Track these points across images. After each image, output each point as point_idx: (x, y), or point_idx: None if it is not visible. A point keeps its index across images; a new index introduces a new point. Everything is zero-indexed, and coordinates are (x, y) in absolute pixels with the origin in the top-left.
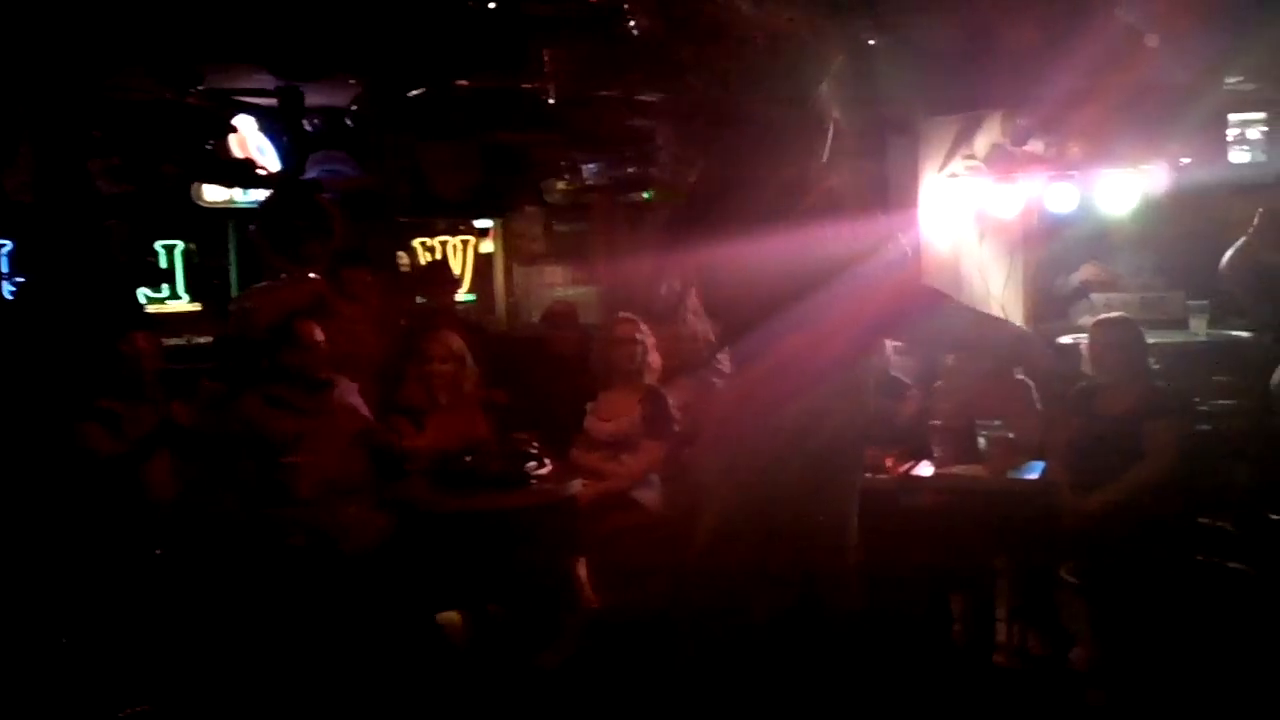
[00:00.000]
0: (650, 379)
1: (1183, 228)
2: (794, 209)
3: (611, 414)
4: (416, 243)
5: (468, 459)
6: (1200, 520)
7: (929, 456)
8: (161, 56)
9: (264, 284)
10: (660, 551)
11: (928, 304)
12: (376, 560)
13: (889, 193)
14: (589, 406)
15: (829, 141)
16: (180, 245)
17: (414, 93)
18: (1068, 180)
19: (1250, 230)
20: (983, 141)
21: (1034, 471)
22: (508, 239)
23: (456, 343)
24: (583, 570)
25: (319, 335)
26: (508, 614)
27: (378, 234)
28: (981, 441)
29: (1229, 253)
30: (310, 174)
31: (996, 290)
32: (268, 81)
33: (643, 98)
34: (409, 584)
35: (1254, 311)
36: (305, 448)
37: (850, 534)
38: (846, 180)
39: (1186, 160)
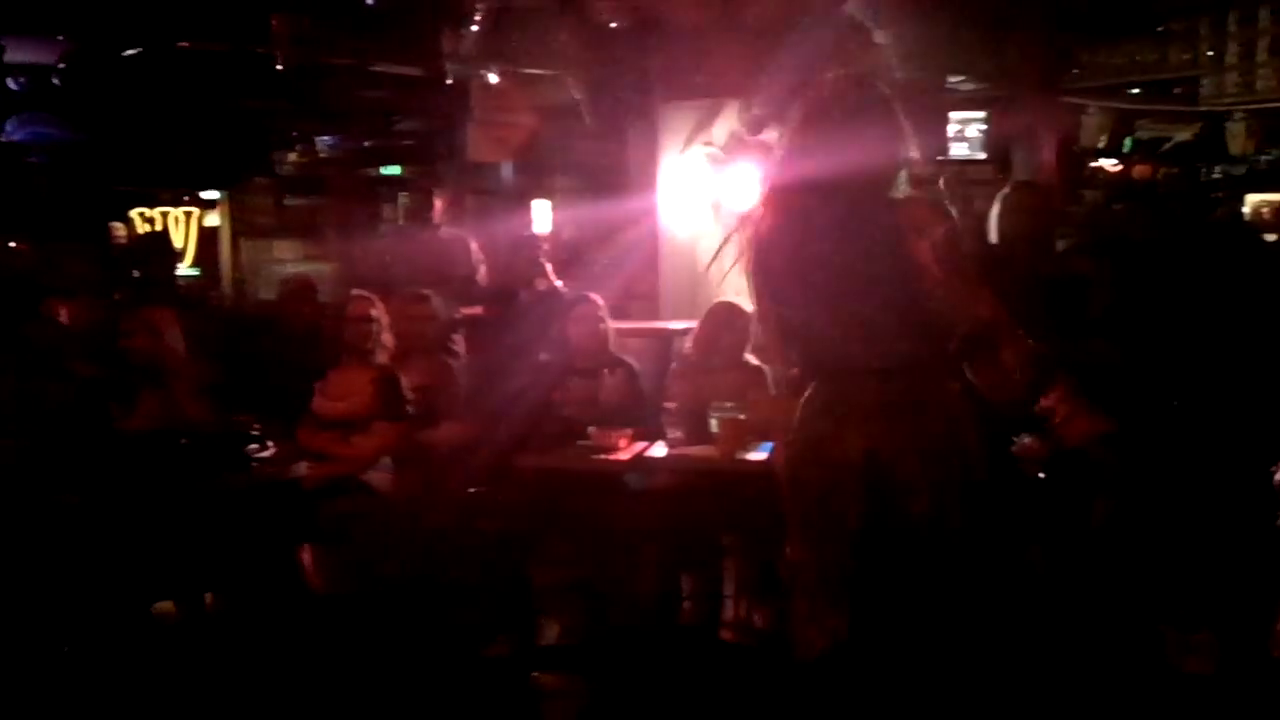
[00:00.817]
0: (383, 359)
1: None
2: None
3: (342, 394)
4: (135, 213)
5: (184, 441)
6: None
7: (663, 437)
8: None
9: None
10: (392, 536)
11: None
12: (89, 549)
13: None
14: (317, 386)
15: None
16: None
17: (130, 52)
18: None
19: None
20: (721, 129)
21: (763, 452)
22: (235, 211)
23: (157, 318)
24: (308, 557)
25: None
26: (226, 603)
27: (89, 203)
28: (713, 423)
29: None
30: (13, 136)
31: (732, 277)
32: None
33: (379, 69)
34: (119, 573)
35: None
36: None
37: None
38: None
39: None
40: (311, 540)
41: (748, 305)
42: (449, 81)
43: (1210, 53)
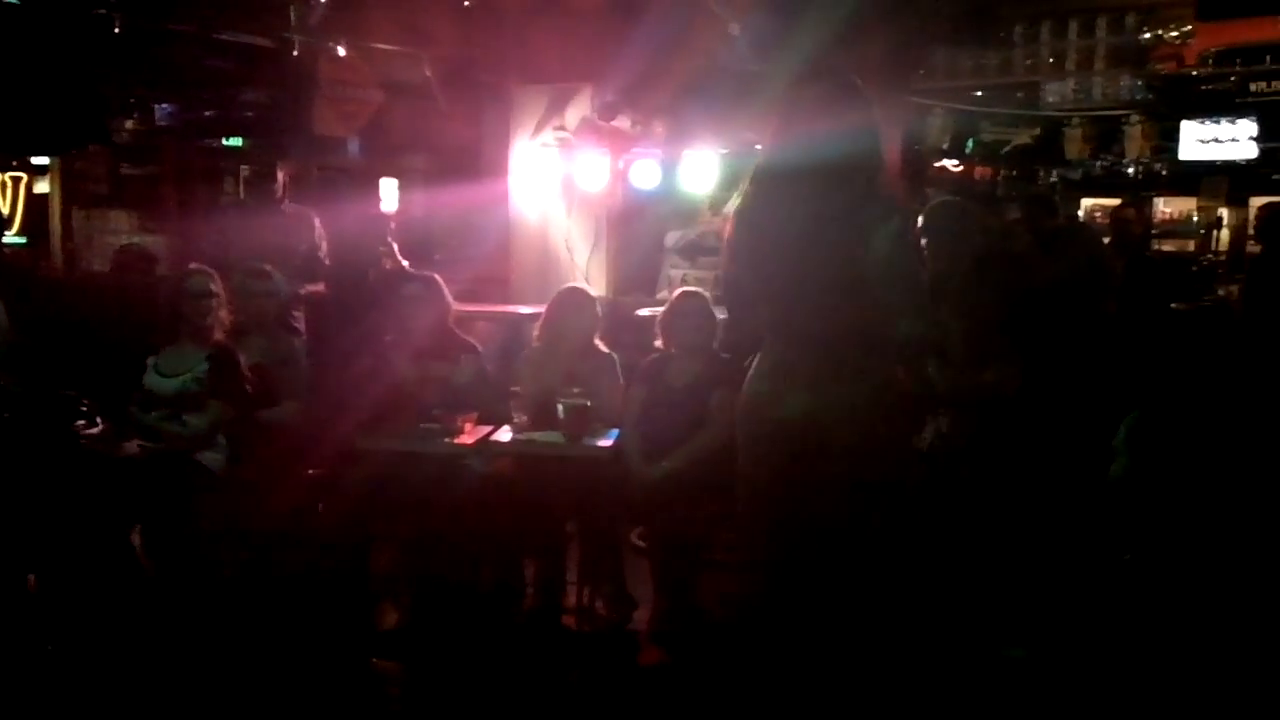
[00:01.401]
0: (220, 335)
1: None
2: None
3: (176, 370)
4: None
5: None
6: None
7: (510, 422)
8: None
9: None
10: (227, 518)
11: None
12: None
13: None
14: (150, 362)
15: None
16: None
17: None
18: (651, 157)
19: None
20: (573, 114)
21: (609, 439)
22: (67, 179)
23: None
24: (138, 538)
25: None
26: (50, 585)
27: None
28: (560, 410)
29: None
30: None
31: (582, 262)
32: None
33: (224, 37)
34: None
35: None
36: None
37: None
38: None
39: (759, 146)
40: (142, 521)
41: (595, 291)
42: (295, 53)
43: (1051, 60)
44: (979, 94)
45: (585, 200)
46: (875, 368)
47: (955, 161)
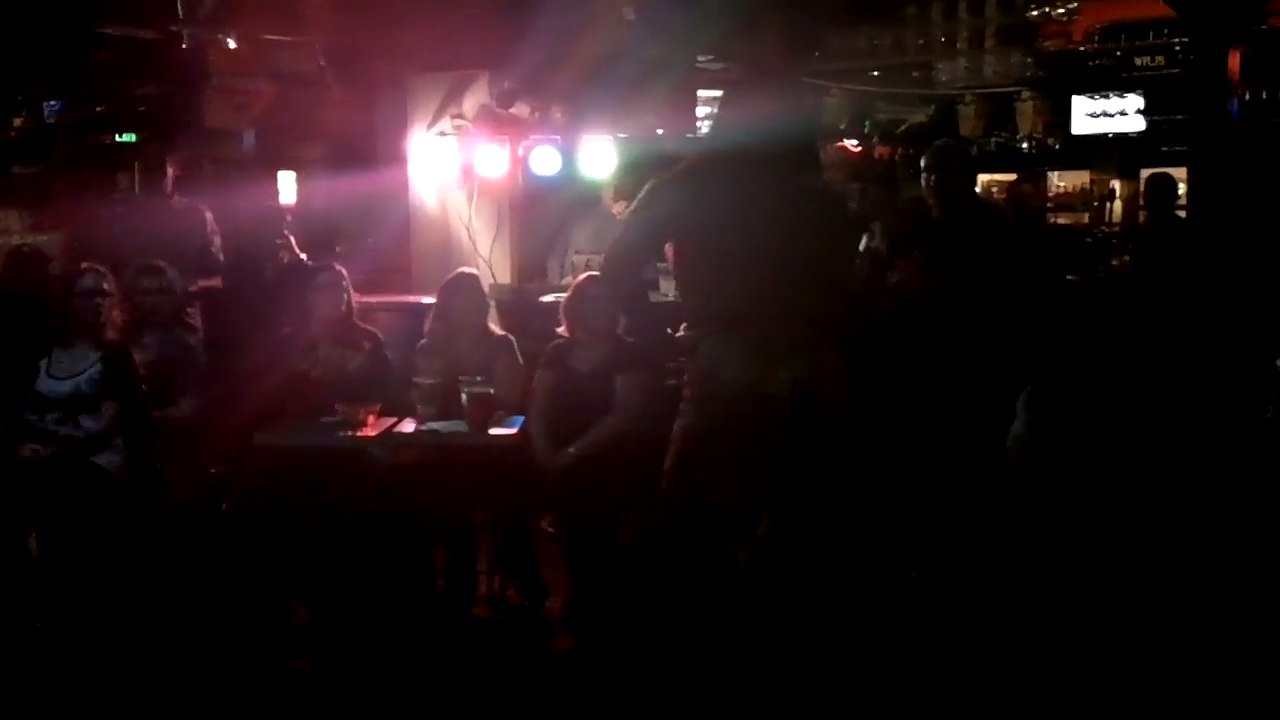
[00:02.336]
0: (113, 335)
1: None
2: None
3: (69, 372)
4: None
5: None
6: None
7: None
8: None
9: None
10: (125, 519)
11: None
12: None
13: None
14: (42, 364)
15: None
16: None
17: None
18: (551, 144)
19: None
20: (471, 102)
21: (514, 426)
22: None
23: None
24: (34, 543)
25: None
26: None
27: None
28: (464, 398)
29: None
30: None
31: (484, 250)
32: None
33: (110, 30)
34: None
35: None
36: None
37: None
38: None
39: (661, 131)
40: (38, 526)
41: (494, 279)
42: (184, 45)
43: (943, 39)
44: (875, 74)
45: (486, 188)
46: (845, 329)
47: (855, 141)
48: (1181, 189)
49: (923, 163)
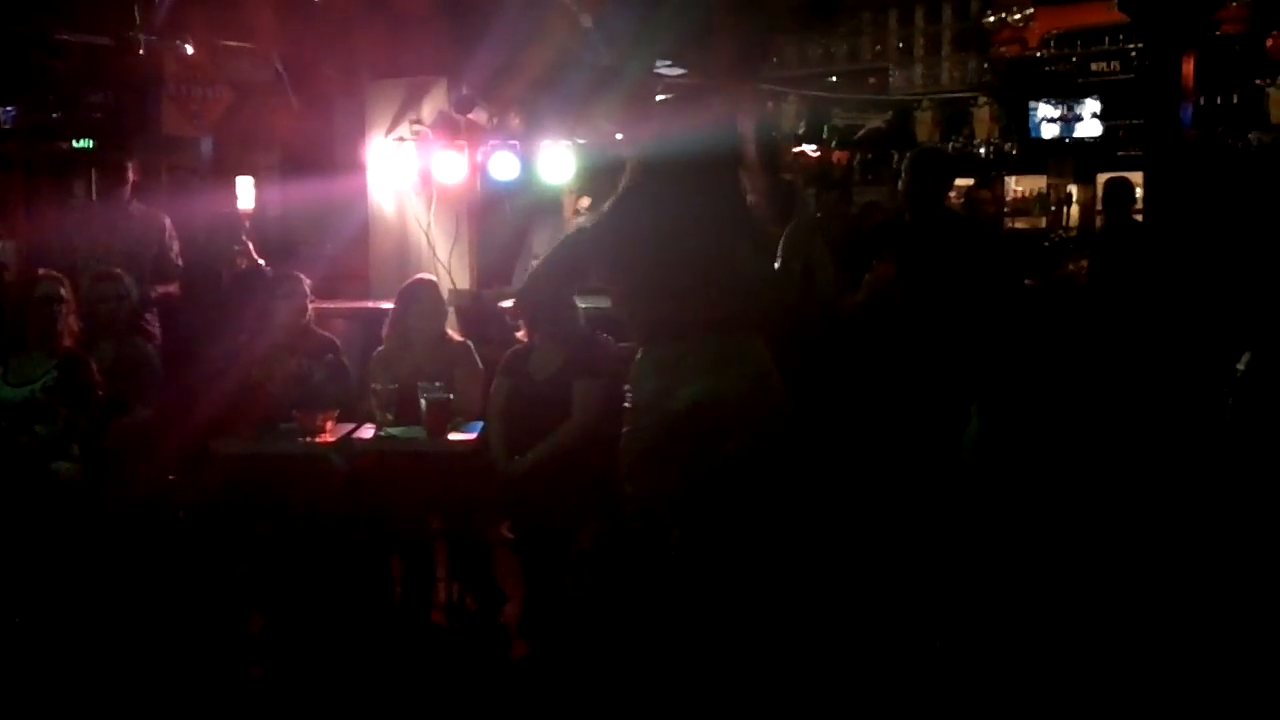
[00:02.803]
0: (69, 342)
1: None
2: None
3: (24, 379)
4: None
5: None
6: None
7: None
8: None
9: None
10: (80, 527)
11: None
12: None
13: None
14: None
15: None
16: None
17: None
18: (509, 149)
19: None
20: (429, 108)
21: (473, 432)
22: None
23: None
24: None
25: None
26: None
27: None
28: (422, 404)
29: None
30: None
31: (443, 256)
32: None
33: (66, 37)
34: None
35: None
36: None
37: None
38: None
39: (619, 136)
40: None
41: (451, 283)
42: (141, 52)
43: (899, 45)
44: (833, 80)
45: (444, 194)
46: (756, 348)
47: (813, 146)
48: (1139, 193)
49: (902, 166)
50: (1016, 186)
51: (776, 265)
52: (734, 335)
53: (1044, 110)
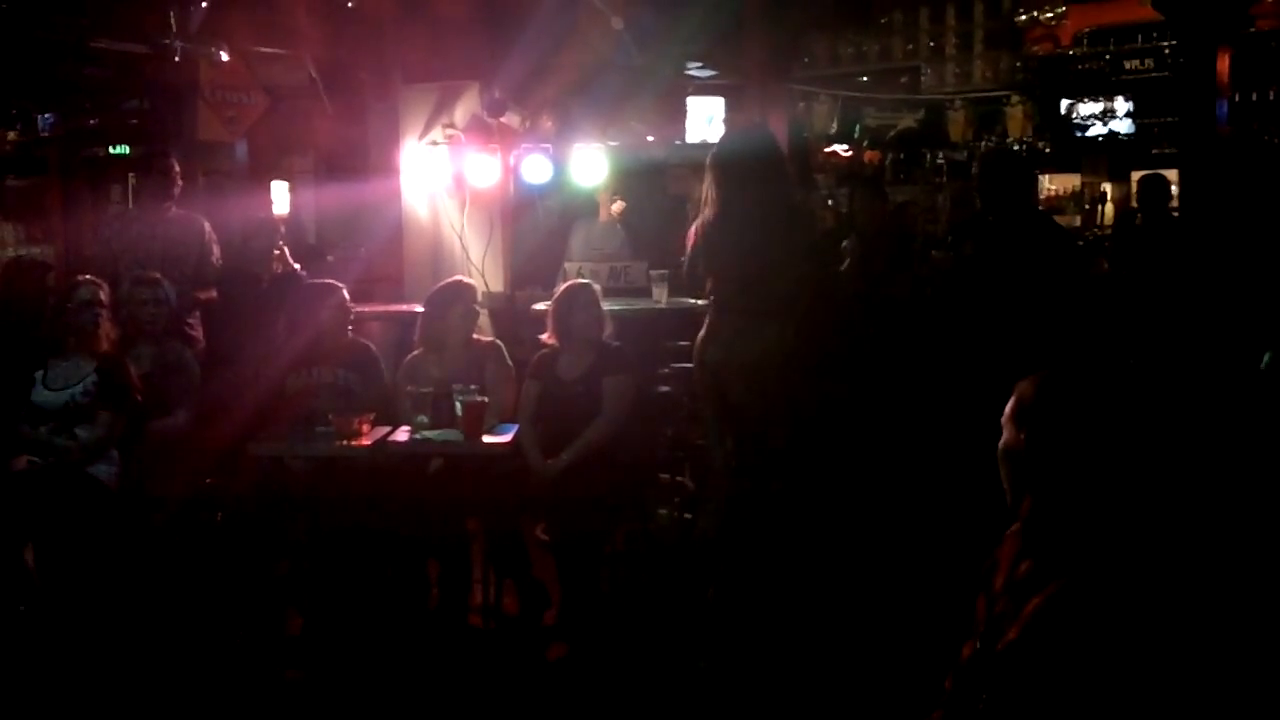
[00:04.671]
0: (107, 346)
1: (650, 202)
2: None
3: (64, 383)
4: None
5: None
6: (660, 476)
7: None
8: None
9: None
10: (116, 528)
11: None
12: None
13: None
14: (37, 375)
15: None
16: None
17: None
18: (541, 152)
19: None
20: (462, 111)
21: (507, 434)
22: None
23: None
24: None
25: None
26: None
27: None
28: (458, 406)
29: None
30: None
31: (476, 259)
32: None
33: (102, 45)
34: None
35: None
36: None
37: None
38: None
39: (651, 138)
40: (35, 538)
41: (484, 285)
42: (176, 59)
43: (931, 44)
44: (864, 79)
45: (477, 197)
46: (773, 329)
47: (845, 146)
48: (1174, 190)
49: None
50: (1050, 185)
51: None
52: (757, 318)
53: (1077, 108)
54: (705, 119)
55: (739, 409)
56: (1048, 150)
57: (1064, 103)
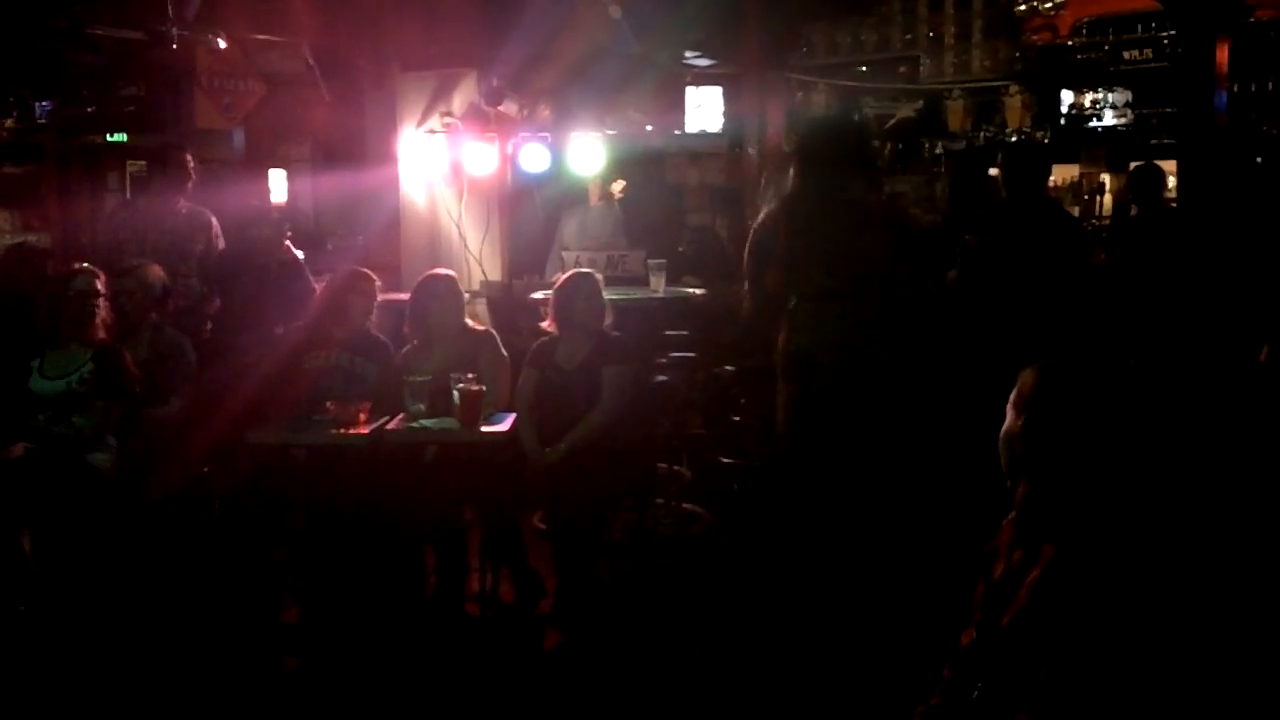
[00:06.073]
0: (104, 334)
1: (647, 191)
2: None
3: (61, 372)
4: None
5: None
6: (658, 465)
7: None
8: None
9: None
10: (117, 518)
11: None
12: None
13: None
14: (34, 364)
15: None
16: None
17: None
18: (539, 141)
19: None
20: (460, 100)
21: (504, 422)
22: None
23: None
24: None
25: None
26: None
27: None
28: (455, 395)
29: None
30: None
31: (474, 247)
32: None
33: (98, 32)
34: None
35: None
36: None
37: None
38: None
39: (650, 128)
40: (31, 524)
41: (482, 274)
42: (174, 46)
43: (929, 34)
44: (862, 69)
45: (475, 185)
46: (849, 311)
47: None
48: (1172, 182)
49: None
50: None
51: None
52: (835, 303)
53: (1076, 99)
54: (702, 107)
55: (830, 391)
56: (1046, 140)
57: (1063, 93)
